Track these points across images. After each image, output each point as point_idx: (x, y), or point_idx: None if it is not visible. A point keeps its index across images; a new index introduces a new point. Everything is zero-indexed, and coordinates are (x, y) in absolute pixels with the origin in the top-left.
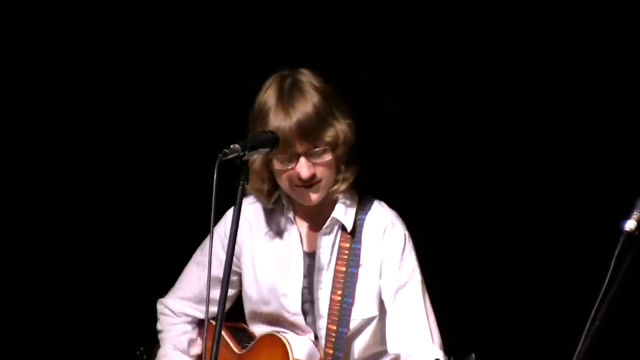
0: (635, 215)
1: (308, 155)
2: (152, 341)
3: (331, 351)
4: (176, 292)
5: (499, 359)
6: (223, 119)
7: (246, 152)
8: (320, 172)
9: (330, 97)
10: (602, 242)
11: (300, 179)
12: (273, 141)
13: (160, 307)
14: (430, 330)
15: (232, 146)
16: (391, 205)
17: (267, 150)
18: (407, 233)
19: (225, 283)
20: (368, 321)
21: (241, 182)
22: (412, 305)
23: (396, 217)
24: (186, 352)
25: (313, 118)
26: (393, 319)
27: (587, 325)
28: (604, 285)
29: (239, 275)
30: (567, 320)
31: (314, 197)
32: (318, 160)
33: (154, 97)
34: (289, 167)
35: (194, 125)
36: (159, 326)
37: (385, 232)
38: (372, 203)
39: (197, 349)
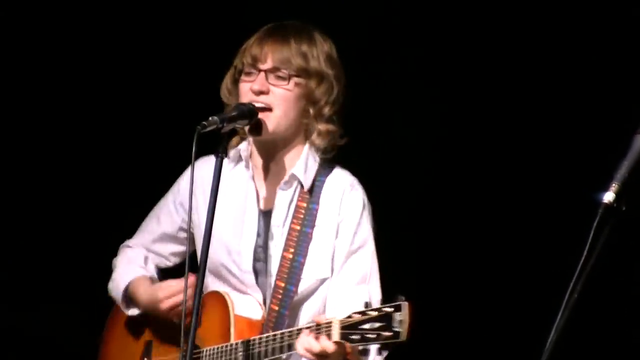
0: (613, 187)
1: (269, 73)
2: None
3: (276, 308)
4: (137, 239)
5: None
6: (201, 91)
7: (224, 124)
8: (275, 98)
9: (324, 50)
10: (580, 215)
11: (252, 91)
12: (251, 112)
13: (121, 248)
14: (372, 300)
15: (210, 118)
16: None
17: (245, 122)
18: (365, 199)
19: (205, 251)
20: (320, 282)
21: (220, 154)
22: (360, 272)
23: (356, 182)
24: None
25: (293, 47)
26: (339, 282)
27: (566, 298)
28: (582, 258)
29: (191, 233)
30: (546, 294)
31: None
32: (277, 83)
33: (133, 71)
34: (249, 79)
35: (173, 99)
36: (114, 262)
37: (344, 194)
38: (333, 167)
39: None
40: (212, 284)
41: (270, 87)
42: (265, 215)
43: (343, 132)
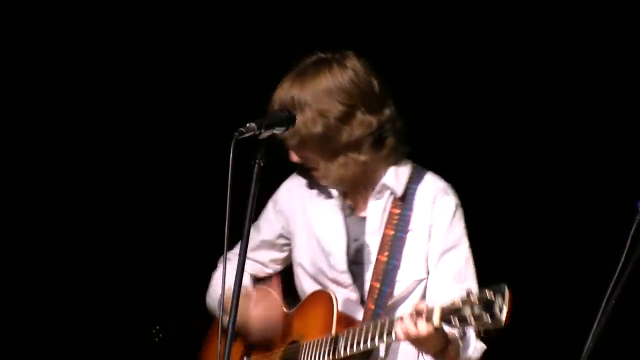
0: None
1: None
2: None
3: (372, 306)
4: (236, 250)
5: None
6: (239, 99)
7: (262, 131)
8: (305, 161)
9: (319, 91)
10: (619, 221)
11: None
12: (289, 119)
13: (220, 266)
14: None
15: (248, 125)
16: None
17: (283, 128)
18: (458, 203)
19: (243, 252)
20: (417, 283)
21: (257, 161)
22: (454, 270)
23: (449, 188)
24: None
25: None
26: (434, 281)
27: (603, 305)
28: (620, 264)
29: (289, 240)
30: (583, 301)
31: (322, 179)
32: (296, 151)
33: (171, 79)
34: None
35: (213, 105)
36: (214, 276)
37: (436, 199)
38: (425, 173)
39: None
40: (309, 287)
41: (295, 155)
42: (359, 220)
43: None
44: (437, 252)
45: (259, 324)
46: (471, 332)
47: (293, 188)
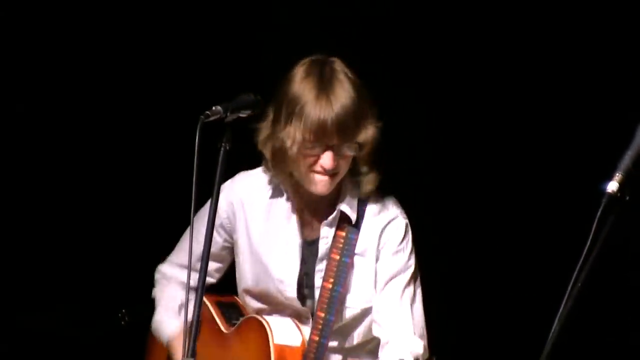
0: (617, 177)
1: (337, 148)
2: (135, 303)
3: (317, 338)
4: (172, 258)
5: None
6: (205, 82)
7: (228, 114)
8: (340, 165)
9: (364, 95)
10: (584, 205)
11: (322, 167)
12: (255, 103)
13: (156, 275)
14: (414, 322)
15: (213, 108)
16: None
17: (249, 111)
18: (408, 225)
19: (205, 258)
20: (366, 310)
21: (223, 144)
22: (400, 295)
23: (398, 208)
24: (177, 315)
25: (351, 114)
26: (379, 304)
27: (569, 289)
28: (586, 248)
29: (230, 249)
30: (549, 285)
31: (327, 187)
32: (342, 154)
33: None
34: (314, 154)
35: (176, 90)
36: (153, 293)
37: (386, 221)
38: (373, 193)
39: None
40: (254, 304)
41: (337, 161)
42: (309, 244)
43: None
44: (383, 277)
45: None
46: None
47: (235, 199)
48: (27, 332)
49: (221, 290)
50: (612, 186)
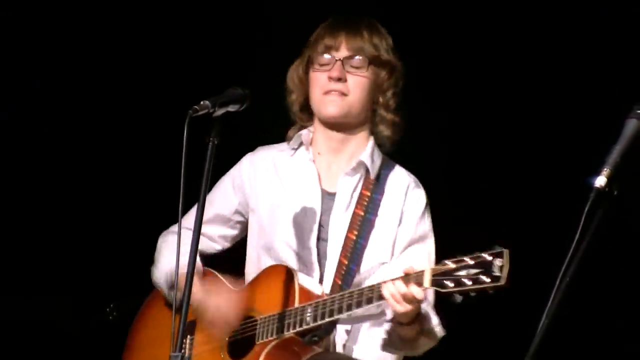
0: (605, 171)
1: (345, 62)
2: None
3: (339, 282)
4: (184, 223)
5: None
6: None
7: (216, 109)
8: (351, 84)
9: (391, 45)
10: (572, 199)
11: (330, 78)
12: (243, 97)
13: (166, 237)
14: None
15: (202, 102)
16: None
17: (237, 106)
18: (427, 198)
19: (197, 230)
20: (380, 265)
21: (211, 139)
22: (418, 261)
23: (418, 181)
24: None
25: (363, 31)
26: (395, 267)
27: (557, 283)
28: (574, 242)
29: (244, 219)
30: (538, 278)
31: (337, 107)
32: (353, 71)
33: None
34: (324, 69)
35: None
36: (158, 247)
37: (408, 188)
38: (395, 164)
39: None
40: (267, 262)
41: (346, 74)
42: (328, 196)
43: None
44: (405, 239)
45: (211, 307)
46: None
47: (257, 162)
48: (14, 324)
49: None
50: (600, 181)
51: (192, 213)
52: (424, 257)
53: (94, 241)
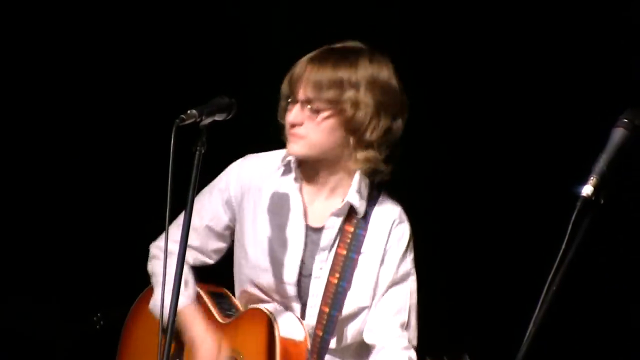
0: (591, 180)
1: (304, 104)
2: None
3: (321, 333)
4: (172, 236)
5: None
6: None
7: (203, 118)
8: (309, 127)
9: (366, 77)
10: (559, 208)
11: (286, 120)
12: (230, 106)
13: (154, 250)
14: (409, 330)
15: (189, 112)
16: None
17: (224, 115)
18: (411, 232)
19: (184, 240)
20: (361, 309)
21: (198, 148)
22: (400, 303)
23: (403, 213)
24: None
25: (326, 73)
26: (378, 310)
27: (544, 292)
28: (561, 251)
29: (232, 231)
30: (524, 288)
31: (295, 147)
32: (311, 116)
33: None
34: (287, 109)
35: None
36: (151, 268)
37: (393, 224)
38: (380, 193)
39: (190, 291)
40: (249, 288)
41: (305, 118)
42: (312, 231)
43: (387, 158)
44: (387, 280)
45: (199, 345)
46: None
47: (244, 177)
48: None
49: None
50: (587, 190)
51: (179, 226)
52: (405, 297)
53: (80, 249)
